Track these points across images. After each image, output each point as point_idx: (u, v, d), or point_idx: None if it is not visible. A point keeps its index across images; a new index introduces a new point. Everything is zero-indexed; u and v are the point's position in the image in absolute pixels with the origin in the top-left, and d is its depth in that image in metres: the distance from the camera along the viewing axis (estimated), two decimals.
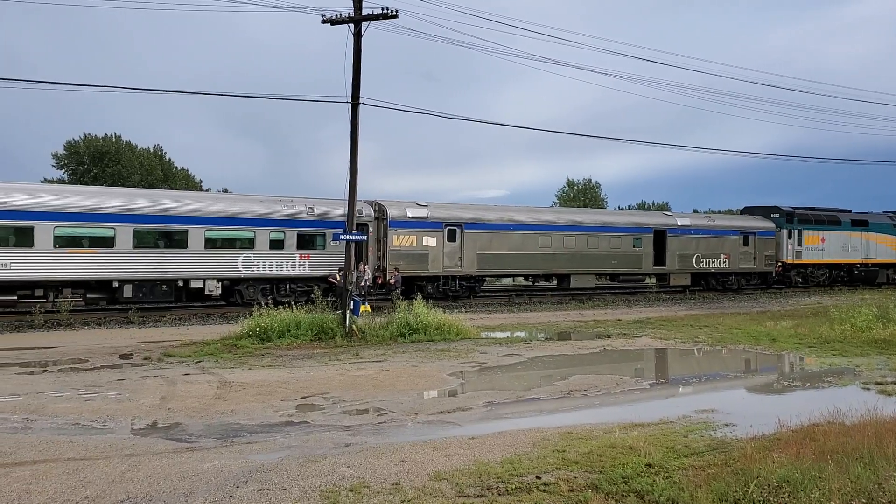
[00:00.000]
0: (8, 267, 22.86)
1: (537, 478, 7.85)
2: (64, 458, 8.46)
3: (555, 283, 36.72)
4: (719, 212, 61.07)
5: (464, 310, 27.14)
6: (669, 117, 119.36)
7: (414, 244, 30.15)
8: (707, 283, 40.26)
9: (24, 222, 23.20)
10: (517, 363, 16.52)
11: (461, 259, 31.37)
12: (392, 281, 27.56)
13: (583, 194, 77.91)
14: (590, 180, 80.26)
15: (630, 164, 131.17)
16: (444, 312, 21.51)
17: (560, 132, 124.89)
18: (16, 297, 23.55)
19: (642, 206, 79.98)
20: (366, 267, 25.54)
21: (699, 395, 13.79)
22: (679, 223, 38.76)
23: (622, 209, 71.75)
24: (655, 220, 39.33)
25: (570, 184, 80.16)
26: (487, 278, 35.65)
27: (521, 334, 21.61)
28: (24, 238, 23.30)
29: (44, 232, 23.43)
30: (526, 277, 37.53)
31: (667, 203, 79.56)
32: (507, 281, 41.74)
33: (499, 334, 21.58)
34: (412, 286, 29.84)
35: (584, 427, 10.35)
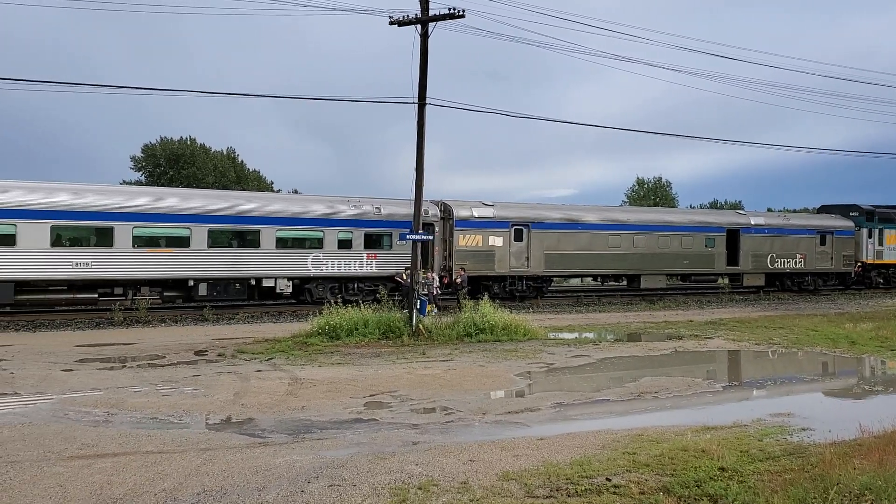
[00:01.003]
0: (89, 266, 23.75)
1: (607, 479, 7.74)
2: (143, 450, 8.73)
3: (624, 283, 36.19)
4: (795, 211, 59.23)
5: (531, 310, 26.97)
6: (742, 113, 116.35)
7: (480, 244, 30.12)
8: (782, 284, 39.10)
9: (104, 223, 24.07)
10: (586, 364, 16.34)
11: (528, 259, 31.20)
12: (458, 280, 27.58)
13: (653, 193, 76.65)
14: (660, 179, 78.95)
15: (701, 161, 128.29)
16: (511, 313, 21.42)
17: (630, 130, 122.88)
18: (97, 295, 24.46)
19: (714, 205, 78.17)
20: (433, 275, 25.66)
21: (774, 399, 13.40)
22: (753, 222, 37.74)
23: (693, 208, 70.27)
24: (728, 219, 38.40)
25: (640, 182, 78.97)
26: (555, 278, 35.37)
27: (590, 335, 21.37)
28: (104, 238, 24.18)
29: (123, 232, 24.25)
30: (594, 278, 37.07)
31: (739, 202, 77.61)
32: (575, 281, 41.34)
33: (567, 335, 21.38)
34: (478, 286, 29.81)
35: (655, 429, 10.17)
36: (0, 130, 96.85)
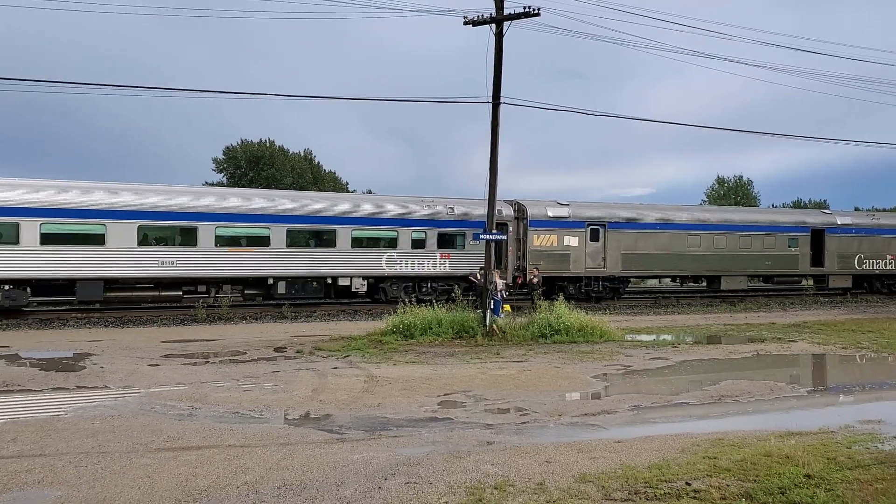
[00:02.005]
0: (174, 265, 24.58)
1: (687, 484, 7.55)
2: (225, 444, 8.96)
3: (704, 284, 35.37)
4: (884, 210, 56.76)
5: (607, 311, 26.63)
6: (827, 110, 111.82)
7: (555, 244, 29.89)
8: (870, 286, 37.55)
9: (188, 223, 24.88)
10: (664, 367, 16.01)
11: (604, 259, 30.81)
12: (535, 281, 27.44)
13: (733, 192, 74.67)
14: (741, 177, 76.86)
15: (784, 159, 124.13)
16: (587, 314, 21.16)
17: (710, 127, 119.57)
18: (181, 293, 25.30)
19: (798, 205, 75.65)
20: (498, 277, 25.65)
21: (863, 405, 12.83)
22: (839, 222, 36.36)
23: (776, 207, 68.15)
24: (813, 218, 37.11)
25: (720, 181, 77.03)
26: (632, 279, 34.83)
27: (668, 337, 20.95)
28: (188, 238, 25.00)
29: (206, 232, 25.01)
30: (673, 279, 36.38)
31: (825, 201, 74.83)
32: (653, 282, 40.63)
33: (644, 337, 21.01)
34: (553, 287, 29.60)
35: (736, 434, 9.88)
36: (91, 136, 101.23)
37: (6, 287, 22.82)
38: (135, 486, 7.22)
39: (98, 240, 23.64)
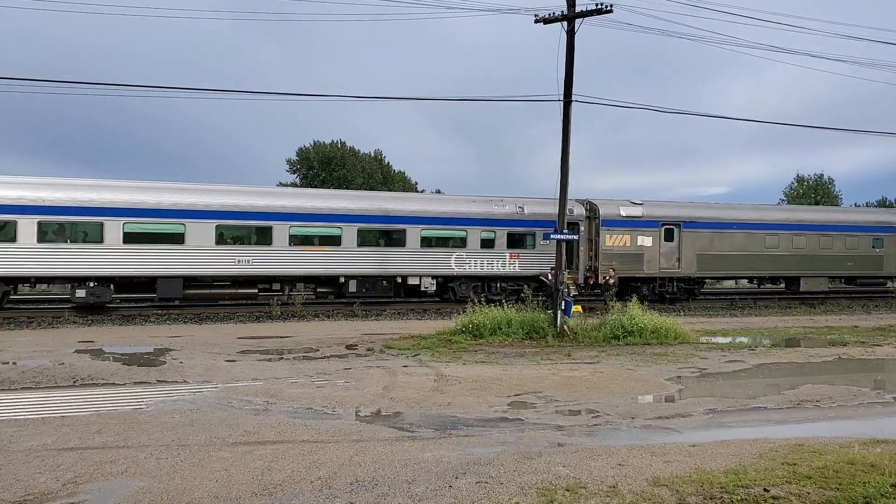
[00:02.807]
0: (250, 263, 25.19)
1: (765, 490, 7.32)
2: (299, 440, 9.11)
3: (782, 285, 34.33)
4: None
5: (681, 313, 26.09)
6: None
7: (628, 244, 29.46)
8: None
9: (263, 222, 25.47)
10: (740, 370, 15.58)
11: (679, 260, 30.21)
12: (611, 282, 27.08)
13: (813, 191, 72.13)
14: (822, 176, 74.15)
15: (868, 157, 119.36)
16: (661, 315, 20.78)
17: (789, 124, 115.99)
18: (256, 290, 25.92)
19: (883, 204, 72.60)
20: (550, 278, 25.40)
21: None
22: None
23: (859, 206, 65.60)
24: None
25: (800, 180, 74.52)
26: (707, 280, 34.05)
27: (745, 340, 20.38)
28: (263, 237, 25.59)
29: (280, 231, 25.56)
30: (750, 280, 35.41)
31: None
32: (729, 283, 39.62)
33: (720, 339, 20.49)
34: (625, 287, 29.19)
35: (816, 440, 9.52)
36: (167, 139, 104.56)
37: (91, 284, 23.76)
38: (213, 479, 7.41)
39: (178, 238, 24.41)
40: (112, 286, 24.15)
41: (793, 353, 18.20)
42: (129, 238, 23.90)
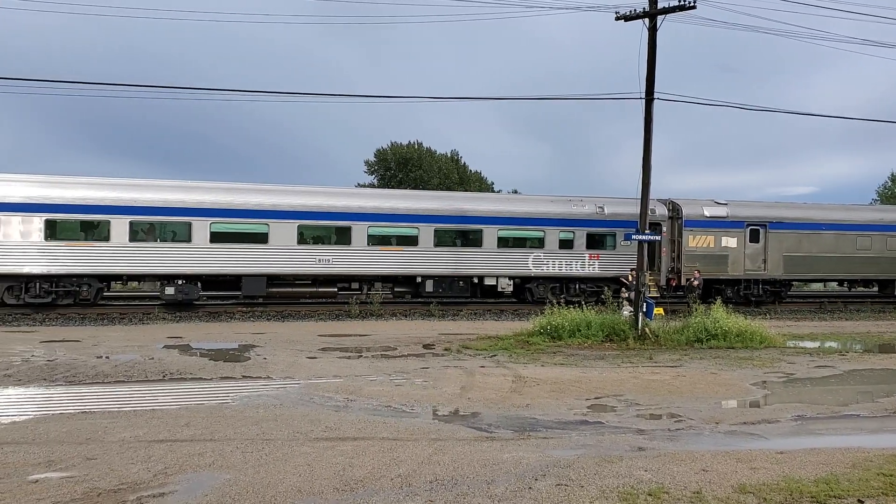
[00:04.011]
0: (330, 262, 25.64)
1: (859, 501, 7.01)
2: (378, 437, 9.20)
3: (875, 289, 32.86)
4: None
5: (767, 316, 25.30)
6: None
7: (711, 245, 28.75)
8: None
9: (343, 223, 25.90)
10: (830, 376, 14.97)
11: (765, 261, 29.31)
12: (695, 283, 26.49)
13: None
14: None
15: None
16: (745, 318, 20.19)
17: (884, 121, 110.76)
18: (336, 289, 26.38)
19: None
20: (631, 280, 24.86)
21: None
22: None
23: None
24: None
25: (895, 178, 71.18)
26: (794, 283, 32.90)
27: (835, 345, 19.60)
28: (343, 237, 26.02)
29: (359, 231, 25.95)
30: (840, 282, 34.04)
31: None
32: (817, 286, 38.19)
33: (808, 344, 19.77)
34: (709, 290, 28.48)
35: None
36: (246, 140, 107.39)
37: (180, 282, 24.62)
38: (296, 473, 7.55)
39: (262, 238, 25.05)
40: (199, 284, 24.97)
41: (887, 359, 17.40)
42: (216, 238, 24.65)
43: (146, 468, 7.69)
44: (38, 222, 23.25)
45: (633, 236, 21.05)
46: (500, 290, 27.64)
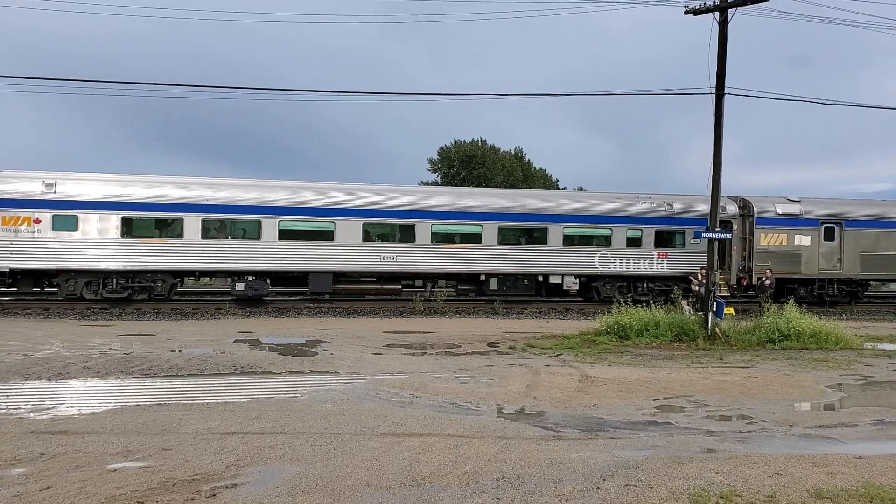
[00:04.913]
0: (394, 260, 25.83)
1: None
2: (444, 433, 9.23)
3: None
4: None
5: (843, 317, 24.48)
6: None
7: (784, 243, 27.96)
8: None
9: (407, 220, 26.07)
10: None
11: (840, 260, 28.35)
12: (767, 283, 25.82)
13: None
14: None
15: None
16: (820, 319, 19.58)
17: None
18: (400, 287, 26.57)
19: None
20: (699, 280, 24.27)
21: None
22: None
23: None
24: None
25: None
26: (872, 282, 31.72)
27: None
28: (407, 234, 26.19)
29: (423, 229, 26.07)
30: None
31: None
32: None
33: (887, 346, 19.05)
34: (781, 289, 27.70)
35: None
36: (310, 139, 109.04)
37: (249, 278, 25.17)
38: (363, 468, 7.64)
39: (328, 236, 25.43)
40: (268, 280, 25.48)
41: None
42: (284, 235, 25.12)
43: (219, 459, 7.88)
44: (115, 220, 24.06)
45: (703, 234, 20.59)
46: (565, 288, 27.40)
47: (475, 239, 26.69)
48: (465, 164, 65.29)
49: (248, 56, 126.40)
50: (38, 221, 23.49)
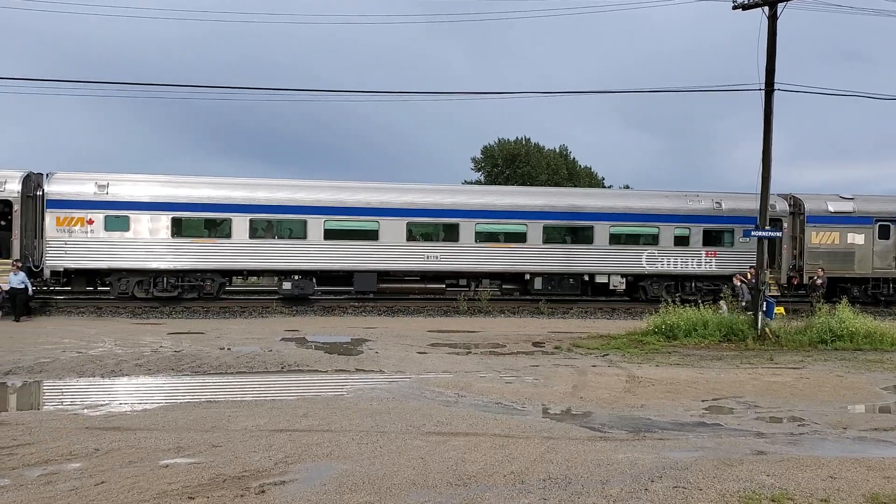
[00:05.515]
0: (438, 259, 25.87)
1: None
2: (490, 433, 9.22)
3: None
4: None
5: None
6: None
7: (836, 242, 27.30)
8: None
9: (450, 220, 26.09)
10: None
11: None
12: (819, 282, 25.26)
13: None
14: None
15: None
16: (874, 319, 19.09)
17: None
18: (444, 286, 26.60)
19: None
20: (741, 283, 23.71)
21: None
22: None
23: None
24: None
25: None
26: None
27: None
28: (450, 233, 26.21)
29: (467, 228, 26.06)
30: None
31: None
32: None
33: None
34: (834, 288, 27.06)
35: None
36: (359, 140, 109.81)
37: (296, 277, 25.46)
38: (410, 466, 7.67)
39: (372, 235, 25.57)
40: (314, 279, 25.74)
41: None
42: (329, 234, 25.34)
43: (267, 456, 7.99)
44: (165, 220, 24.53)
45: (753, 232, 20.20)
46: (611, 287, 27.13)
47: (519, 238, 26.58)
48: (509, 163, 65.01)
49: (295, 59, 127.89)
50: (90, 222, 24.05)
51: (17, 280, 21.83)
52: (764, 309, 18.86)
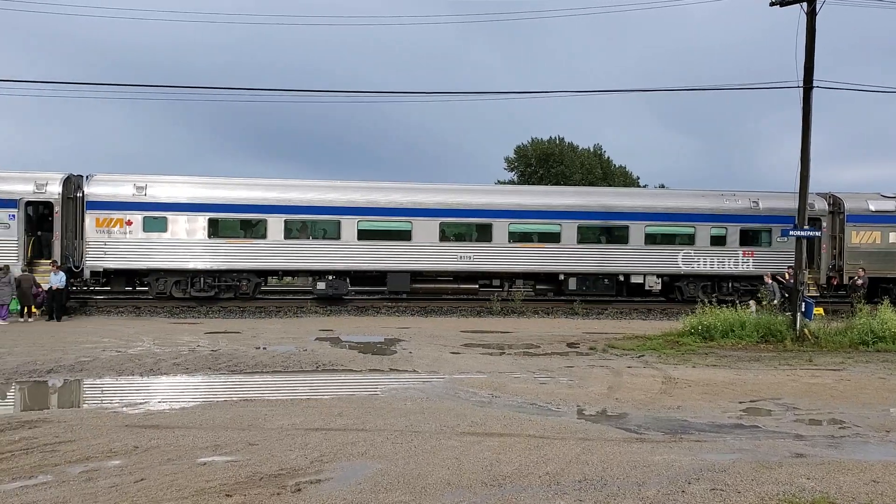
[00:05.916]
0: (471, 259, 25.85)
1: None
2: (525, 434, 9.18)
3: None
4: None
5: None
6: None
7: (878, 241, 26.77)
8: None
9: (483, 220, 26.06)
10: None
11: None
12: (860, 282, 24.80)
13: None
14: None
15: None
16: None
17: None
18: (477, 286, 26.57)
19: None
20: (772, 283, 23.29)
21: None
22: None
23: None
24: None
25: None
26: None
27: None
28: (483, 234, 26.18)
29: (500, 228, 26.01)
30: None
31: None
32: None
33: None
34: (875, 289, 26.52)
35: None
36: (392, 138, 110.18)
37: (330, 277, 25.62)
38: (444, 466, 7.67)
39: (405, 236, 25.64)
40: (348, 279, 25.88)
41: None
42: (363, 235, 25.47)
43: (303, 455, 8.04)
44: (202, 221, 24.85)
45: (791, 232, 19.87)
46: (647, 288, 26.90)
47: (553, 238, 26.47)
48: (542, 163, 64.72)
49: (336, 62, 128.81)
50: (129, 223, 24.45)
51: (58, 280, 22.29)
52: (803, 310, 18.54)
